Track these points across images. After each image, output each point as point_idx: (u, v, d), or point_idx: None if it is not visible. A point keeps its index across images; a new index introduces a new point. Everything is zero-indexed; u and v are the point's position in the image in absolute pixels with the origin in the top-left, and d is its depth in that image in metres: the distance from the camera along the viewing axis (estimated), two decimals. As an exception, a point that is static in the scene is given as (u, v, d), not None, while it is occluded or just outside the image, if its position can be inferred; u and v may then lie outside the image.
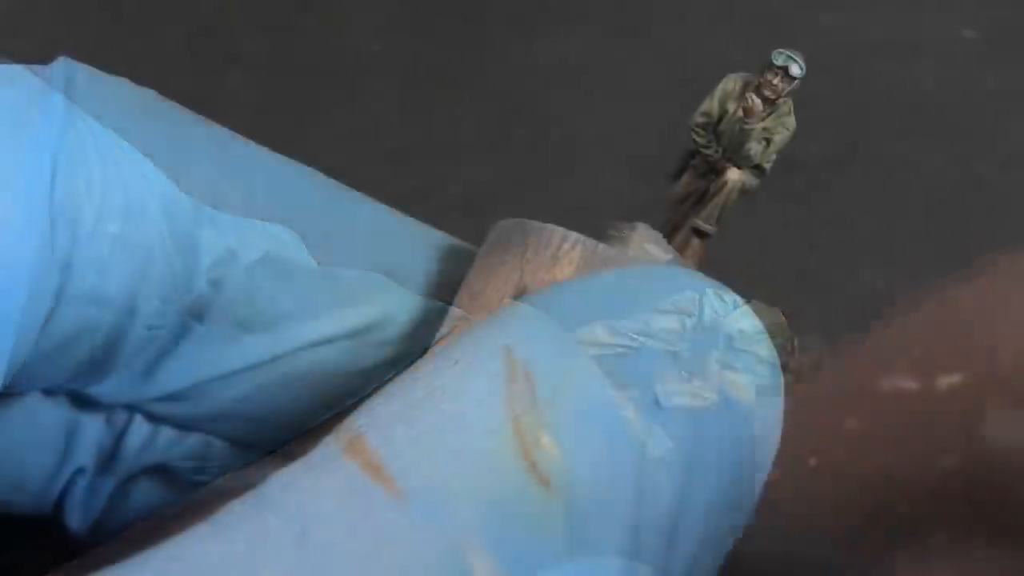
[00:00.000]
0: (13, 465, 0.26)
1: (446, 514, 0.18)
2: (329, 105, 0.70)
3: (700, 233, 0.27)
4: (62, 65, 0.24)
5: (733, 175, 0.27)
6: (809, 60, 0.72)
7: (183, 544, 0.18)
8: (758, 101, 0.26)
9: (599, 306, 0.21)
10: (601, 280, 0.22)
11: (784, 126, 0.27)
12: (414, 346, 0.26)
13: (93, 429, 0.26)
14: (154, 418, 0.27)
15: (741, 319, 0.22)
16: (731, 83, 0.27)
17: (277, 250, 0.25)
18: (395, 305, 0.26)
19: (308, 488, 0.19)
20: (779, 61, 0.26)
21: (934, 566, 0.25)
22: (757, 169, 0.27)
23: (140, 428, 0.27)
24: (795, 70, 0.26)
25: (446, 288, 0.27)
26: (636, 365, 0.20)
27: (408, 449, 0.19)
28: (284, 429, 0.27)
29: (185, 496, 0.27)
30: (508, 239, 0.25)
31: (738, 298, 0.22)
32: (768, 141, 0.27)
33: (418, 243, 0.27)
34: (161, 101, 0.25)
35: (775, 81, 0.26)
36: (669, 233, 0.28)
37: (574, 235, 0.24)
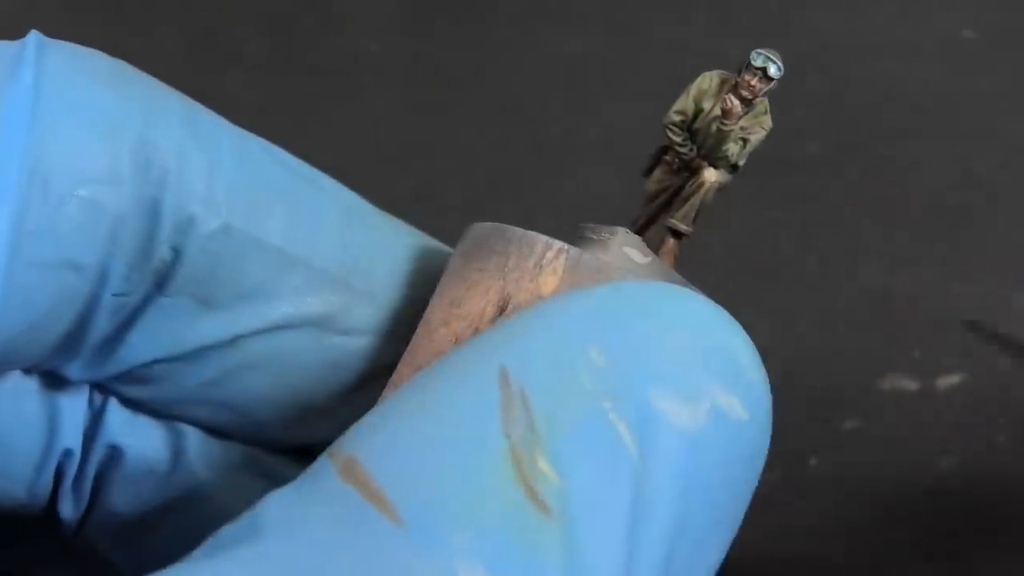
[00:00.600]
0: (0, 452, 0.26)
1: (445, 541, 0.18)
2: (329, 105, 0.70)
3: (676, 233, 0.27)
4: (34, 38, 0.24)
5: (711, 175, 0.26)
6: (809, 60, 0.72)
7: (181, 573, 0.18)
8: (737, 102, 0.26)
9: (594, 325, 0.21)
10: (595, 297, 0.21)
11: (760, 125, 0.27)
12: (382, 340, 0.26)
13: (75, 410, 0.26)
14: (127, 403, 0.27)
15: (732, 336, 0.22)
16: (707, 81, 0.27)
17: (240, 224, 0.24)
18: (361, 295, 0.26)
19: (306, 513, 0.19)
20: (758, 62, 0.26)
21: (933, 565, 0.25)
22: (732, 167, 0.27)
23: (117, 408, 0.27)
24: (773, 71, 0.26)
25: (417, 285, 0.27)
26: (631, 386, 0.20)
27: (406, 475, 0.19)
28: (256, 421, 0.27)
29: (167, 488, 0.27)
30: (489, 245, 0.24)
31: (729, 315, 0.22)
32: (745, 141, 0.27)
33: (389, 237, 0.27)
34: (134, 71, 0.25)
35: (753, 82, 0.26)
36: (640, 229, 0.27)
37: (557, 243, 0.24)
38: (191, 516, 0.27)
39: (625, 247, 0.25)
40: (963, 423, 0.54)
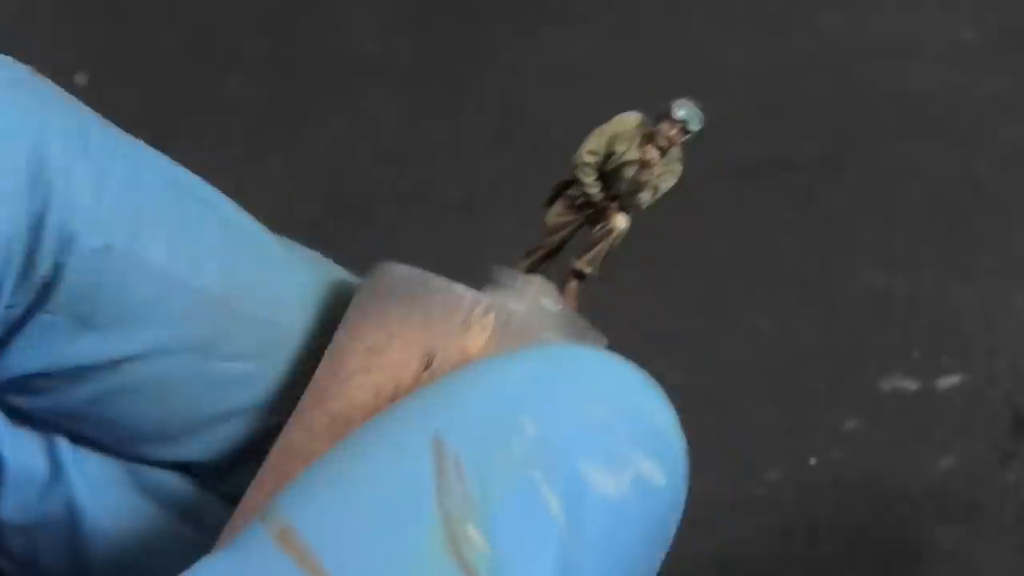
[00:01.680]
0: None
1: None
2: (329, 105, 0.70)
3: (580, 275, 0.27)
4: None
5: (621, 222, 0.26)
6: (809, 60, 0.72)
7: None
8: (657, 154, 0.26)
9: (526, 394, 0.21)
10: (527, 363, 0.22)
11: (672, 173, 0.27)
12: (268, 366, 0.26)
13: None
14: (11, 412, 0.27)
15: (654, 402, 0.23)
16: (622, 124, 0.27)
17: (122, 243, 0.24)
18: (245, 320, 0.26)
19: None
20: (679, 114, 0.26)
21: (933, 565, 0.26)
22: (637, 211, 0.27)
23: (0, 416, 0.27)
24: (694, 125, 0.26)
25: (307, 312, 0.26)
26: (561, 456, 0.21)
27: (342, 545, 0.19)
28: (138, 439, 0.27)
29: (46, 500, 0.27)
30: (411, 293, 0.24)
31: (653, 381, 0.23)
32: (656, 188, 0.27)
33: (279, 262, 0.27)
34: (36, 79, 0.25)
35: (672, 133, 0.26)
36: (538, 261, 0.27)
37: (486, 299, 0.24)
38: (69, 529, 0.27)
39: (541, 297, 0.25)
40: (963, 423, 0.54)
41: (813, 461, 0.53)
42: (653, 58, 0.71)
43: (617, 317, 0.59)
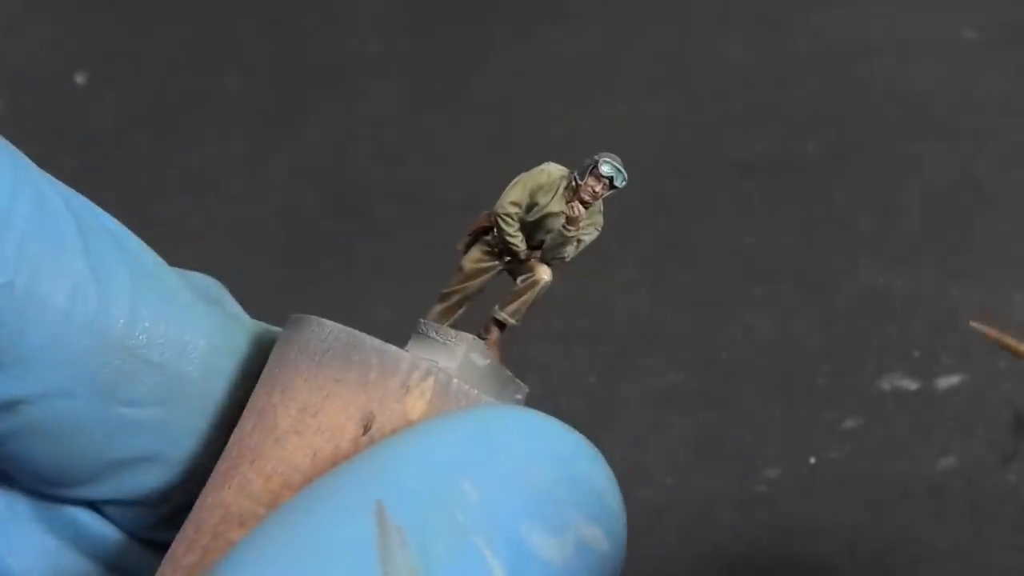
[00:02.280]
0: None
1: None
2: (329, 105, 0.70)
3: (500, 324, 0.27)
4: None
5: (545, 274, 0.26)
6: (809, 60, 0.72)
7: None
8: (583, 209, 0.26)
9: (466, 458, 0.22)
10: (466, 426, 0.22)
11: (595, 226, 0.27)
12: (173, 413, 0.26)
13: None
14: None
15: (593, 465, 0.23)
16: (544, 176, 0.27)
17: (24, 282, 0.24)
18: (149, 365, 0.25)
19: None
20: (605, 171, 0.26)
21: (933, 565, 0.26)
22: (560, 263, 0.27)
23: None
24: (619, 182, 0.26)
25: (215, 361, 0.26)
26: (503, 520, 0.21)
27: None
28: (42, 480, 0.26)
29: None
30: (343, 353, 0.23)
31: (589, 443, 0.23)
32: (579, 241, 0.27)
33: (187, 307, 0.26)
34: None
35: (597, 188, 0.26)
36: (454, 306, 0.27)
37: (424, 364, 0.23)
38: None
39: (471, 353, 0.25)
40: (963, 423, 0.54)
41: (813, 460, 0.53)
42: (652, 58, 0.71)
43: (617, 317, 0.60)
